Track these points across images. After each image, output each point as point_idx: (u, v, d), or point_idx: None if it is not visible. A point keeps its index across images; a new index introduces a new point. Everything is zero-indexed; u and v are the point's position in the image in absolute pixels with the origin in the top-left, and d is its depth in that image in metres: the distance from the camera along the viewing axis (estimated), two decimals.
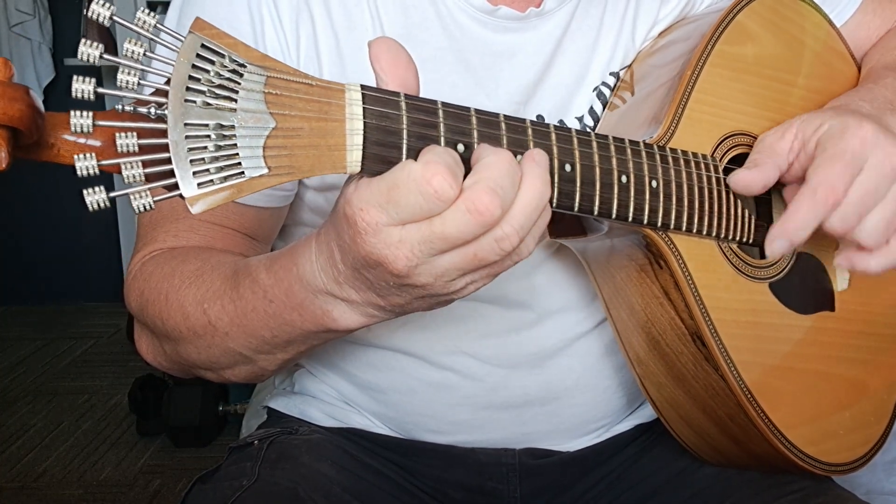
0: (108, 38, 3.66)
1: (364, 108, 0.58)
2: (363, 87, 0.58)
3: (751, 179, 0.84)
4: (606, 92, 0.98)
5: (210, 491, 0.94)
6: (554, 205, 0.68)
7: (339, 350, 1.03)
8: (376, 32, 0.91)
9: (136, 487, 2.67)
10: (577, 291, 0.99)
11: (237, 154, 0.52)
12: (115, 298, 4.25)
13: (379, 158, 0.58)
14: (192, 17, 0.89)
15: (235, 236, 0.93)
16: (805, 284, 0.94)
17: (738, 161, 0.89)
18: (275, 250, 1.03)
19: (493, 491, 1.04)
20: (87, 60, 0.50)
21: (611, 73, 0.99)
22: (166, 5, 3.72)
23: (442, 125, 0.61)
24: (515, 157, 0.63)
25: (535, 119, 0.93)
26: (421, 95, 0.62)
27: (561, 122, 0.96)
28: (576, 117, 0.97)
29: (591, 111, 0.98)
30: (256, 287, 0.75)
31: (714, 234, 0.84)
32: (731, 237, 0.86)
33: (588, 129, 0.97)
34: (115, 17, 0.51)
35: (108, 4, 0.51)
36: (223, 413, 2.93)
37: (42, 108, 0.53)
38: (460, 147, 0.61)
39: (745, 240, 0.88)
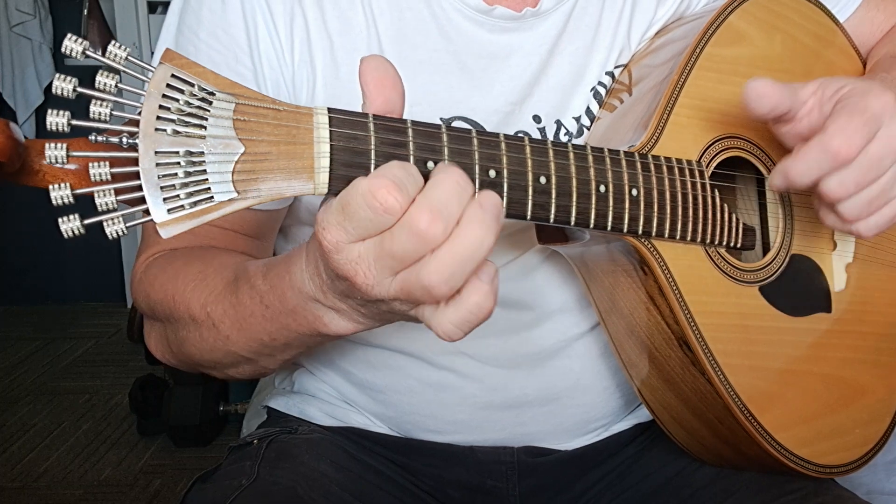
0: (109, 38, 3.66)
1: (331, 130, 0.58)
2: (330, 110, 0.59)
3: (768, 88, 0.77)
4: (603, 92, 0.98)
5: (210, 490, 0.95)
6: (529, 216, 0.68)
7: (338, 349, 1.04)
8: (371, 35, 0.91)
9: (137, 487, 2.67)
10: (576, 292, 0.99)
11: (206, 179, 0.53)
12: (115, 298, 4.27)
13: (346, 179, 0.59)
14: (189, 24, 0.91)
15: (236, 237, 0.94)
16: (799, 286, 0.94)
17: (729, 164, 0.89)
18: (277, 248, 1.05)
19: (493, 489, 1.04)
20: (63, 94, 0.51)
21: (607, 73, 0.99)
22: (166, 6, 3.72)
23: (411, 143, 0.61)
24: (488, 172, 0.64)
25: (531, 119, 0.95)
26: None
27: (558, 122, 0.96)
28: (573, 117, 0.97)
29: (588, 111, 0.98)
30: (254, 293, 0.76)
31: (699, 239, 0.84)
32: (717, 242, 0.86)
33: (584, 129, 0.97)
34: (87, 52, 0.52)
35: (79, 40, 0.52)
36: (223, 413, 2.94)
37: (22, 138, 0.55)
38: (430, 164, 0.61)
39: (732, 244, 0.88)
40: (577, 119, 0.97)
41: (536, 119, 0.95)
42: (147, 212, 0.52)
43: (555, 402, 1.01)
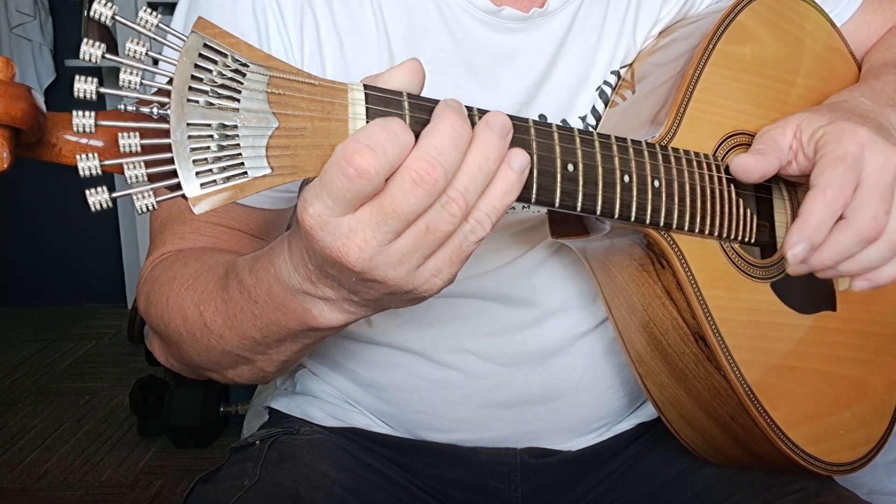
0: (109, 40, 3.67)
1: (367, 107, 0.58)
2: (366, 86, 0.58)
3: (751, 164, 0.84)
4: (608, 91, 0.98)
5: (211, 491, 0.94)
6: (557, 204, 0.68)
7: (341, 348, 1.04)
8: (380, 35, 0.91)
9: (138, 488, 2.67)
10: (579, 290, 1.00)
11: (240, 154, 0.52)
12: (116, 300, 4.26)
13: None
14: None
15: (242, 237, 0.93)
16: (806, 284, 0.94)
17: None
18: None
19: (495, 490, 1.04)
20: (90, 60, 0.50)
21: (612, 72, 0.99)
22: (166, 6, 3.71)
23: None
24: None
25: (537, 119, 0.94)
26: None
27: (564, 121, 0.96)
28: (579, 117, 0.97)
29: (594, 110, 0.98)
30: (242, 288, 0.75)
31: (716, 233, 0.84)
32: (733, 237, 0.86)
33: (591, 129, 0.97)
34: (116, 17, 0.50)
35: (109, 4, 0.51)
36: (224, 414, 2.92)
37: (44, 107, 0.53)
38: None
39: (747, 239, 0.88)
40: (583, 119, 0.97)
41: (542, 118, 0.95)
42: (175, 187, 0.51)
43: (557, 400, 1.01)
